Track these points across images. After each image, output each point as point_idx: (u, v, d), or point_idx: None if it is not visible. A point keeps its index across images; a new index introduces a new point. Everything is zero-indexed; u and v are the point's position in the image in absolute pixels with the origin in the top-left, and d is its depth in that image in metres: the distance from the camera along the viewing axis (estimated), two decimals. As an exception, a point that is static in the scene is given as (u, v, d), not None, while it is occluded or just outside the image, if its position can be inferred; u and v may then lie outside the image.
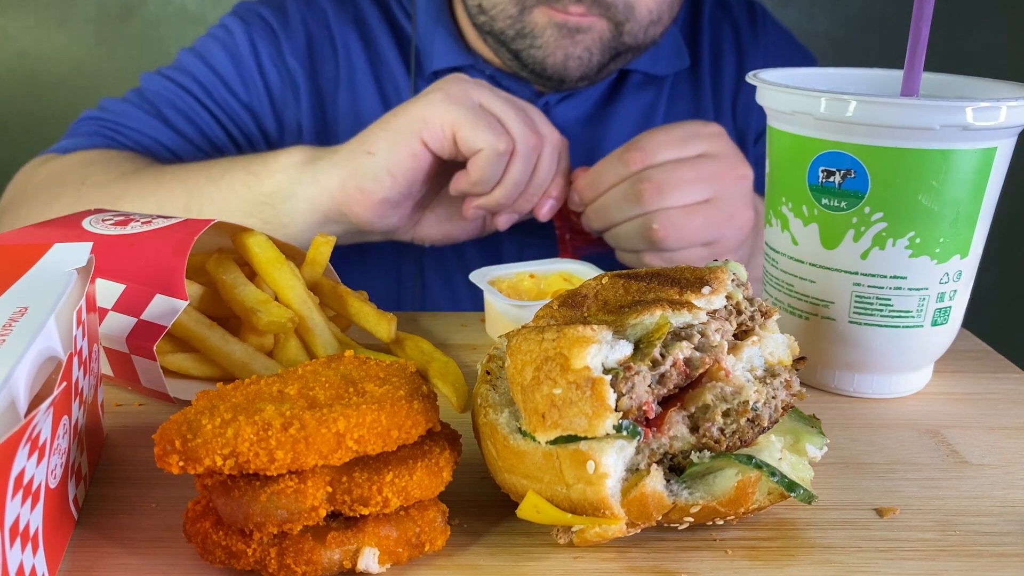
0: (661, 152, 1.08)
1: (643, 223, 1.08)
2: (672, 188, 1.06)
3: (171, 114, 1.39)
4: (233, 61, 1.41)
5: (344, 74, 1.42)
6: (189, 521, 0.56)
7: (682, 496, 0.56)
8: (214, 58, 1.42)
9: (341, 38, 1.43)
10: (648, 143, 1.09)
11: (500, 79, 1.39)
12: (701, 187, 1.08)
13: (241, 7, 1.48)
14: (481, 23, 1.31)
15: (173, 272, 0.75)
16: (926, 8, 0.76)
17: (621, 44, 1.29)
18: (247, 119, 1.42)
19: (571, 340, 0.55)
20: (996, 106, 0.71)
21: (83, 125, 1.41)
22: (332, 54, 1.43)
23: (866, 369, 0.82)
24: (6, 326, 0.54)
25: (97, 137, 1.37)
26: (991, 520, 0.64)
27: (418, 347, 0.87)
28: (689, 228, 1.08)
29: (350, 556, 0.54)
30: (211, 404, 0.56)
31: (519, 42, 1.28)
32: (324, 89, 1.43)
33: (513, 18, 1.26)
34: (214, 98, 1.40)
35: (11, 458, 0.46)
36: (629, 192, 1.08)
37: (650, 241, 1.09)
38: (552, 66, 1.29)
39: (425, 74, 1.41)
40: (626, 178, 1.08)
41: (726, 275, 0.62)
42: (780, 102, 0.78)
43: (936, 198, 0.74)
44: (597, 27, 1.26)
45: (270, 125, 1.43)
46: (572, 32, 1.25)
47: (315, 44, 1.43)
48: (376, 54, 1.44)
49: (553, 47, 1.27)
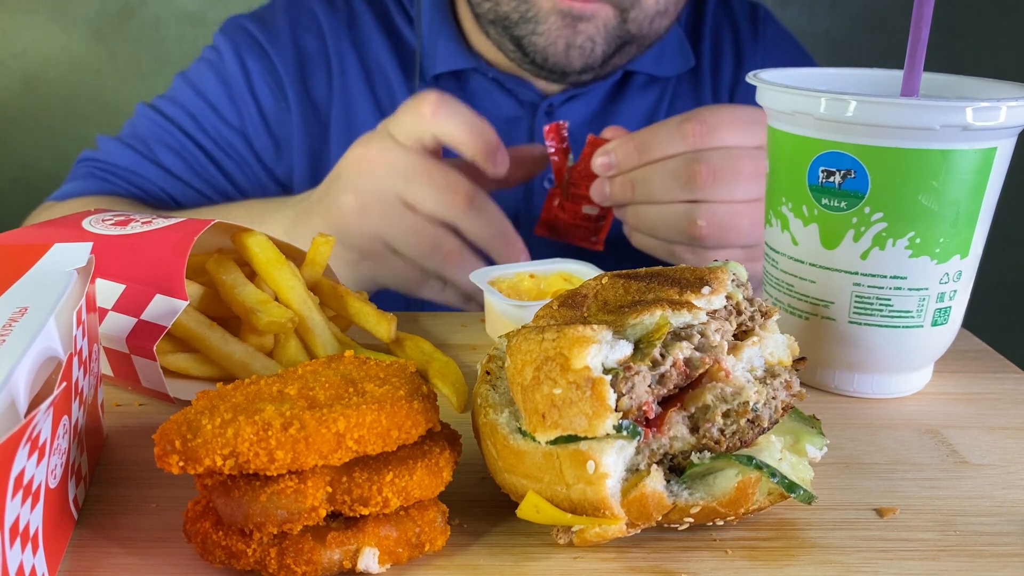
0: (723, 132, 0.99)
1: (686, 214, 1.00)
2: (729, 178, 0.98)
3: (163, 153, 1.39)
4: (223, 85, 1.41)
5: (337, 85, 1.42)
6: (189, 521, 0.56)
7: (682, 496, 0.56)
8: (205, 84, 1.42)
9: (335, 47, 1.42)
10: (711, 118, 1.00)
11: (503, 81, 1.39)
12: (758, 184, 0.99)
13: (229, 24, 1.47)
14: (485, 11, 1.29)
15: (173, 272, 0.75)
16: (926, 8, 0.76)
17: (625, 33, 1.27)
18: (240, 145, 1.42)
19: (571, 340, 0.55)
20: (996, 106, 0.71)
21: (80, 168, 1.43)
22: (325, 65, 1.42)
23: (866, 369, 0.82)
24: (6, 326, 0.54)
25: (92, 180, 1.38)
26: (991, 520, 0.64)
27: (418, 347, 0.87)
28: (736, 229, 1.00)
29: (350, 556, 0.54)
30: (211, 404, 0.56)
31: (522, 27, 1.26)
32: (317, 102, 1.42)
33: (518, 0, 1.25)
34: (204, 129, 1.40)
35: (11, 458, 0.46)
36: (681, 170, 0.98)
37: (690, 236, 1.01)
38: (554, 55, 1.28)
39: (427, 78, 1.41)
40: (681, 153, 0.99)
41: (726, 275, 0.62)
42: (780, 102, 0.78)
43: (936, 198, 0.74)
44: (601, 15, 1.24)
45: (264, 145, 1.43)
46: (575, 20, 1.24)
47: (306, 56, 1.42)
48: (372, 62, 1.43)
49: (555, 35, 1.25)
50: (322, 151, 1.42)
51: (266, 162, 1.44)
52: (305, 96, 1.42)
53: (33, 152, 2.71)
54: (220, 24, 1.48)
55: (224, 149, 1.41)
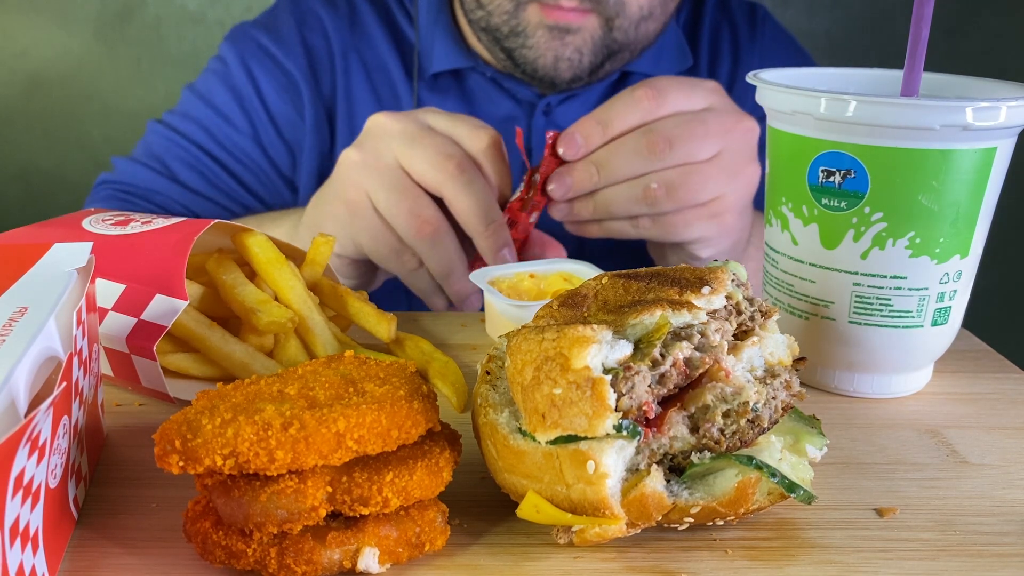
0: (671, 97, 1.03)
1: (640, 183, 1.03)
2: (683, 143, 1.01)
3: (179, 169, 1.39)
4: (233, 94, 1.41)
5: (341, 84, 1.42)
6: (189, 521, 0.56)
7: (682, 496, 0.56)
8: (215, 96, 1.42)
9: (339, 47, 1.43)
10: (658, 83, 1.04)
11: (501, 80, 1.39)
12: (711, 142, 1.03)
13: (235, 32, 1.47)
14: (477, 18, 1.31)
15: (173, 272, 0.75)
16: (926, 8, 0.76)
17: (612, 42, 1.29)
18: (256, 154, 1.42)
19: (571, 340, 0.55)
20: (996, 106, 0.71)
21: (100, 191, 1.43)
22: (329, 65, 1.43)
23: (866, 369, 0.82)
24: (6, 326, 0.54)
25: (114, 202, 1.39)
26: (991, 520, 0.64)
27: (418, 347, 0.87)
28: (687, 186, 1.02)
29: (350, 556, 0.54)
30: (211, 404, 0.56)
31: (512, 40, 1.29)
32: (327, 101, 1.43)
33: (508, 14, 1.26)
34: (219, 141, 1.40)
35: (11, 458, 0.46)
36: (641, 144, 1.01)
37: (647, 202, 1.03)
38: (543, 67, 1.30)
39: (426, 76, 1.41)
40: (639, 125, 1.02)
41: (726, 275, 0.62)
42: (780, 102, 0.78)
43: (936, 198, 0.74)
44: (588, 26, 1.26)
45: (279, 153, 1.43)
46: (562, 33, 1.26)
47: (315, 56, 1.43)
48: (374, 61, 1.43)
49: (544, 48, 1.27)
50: (329, 152, 1.43)
51: (282, 170, 1.44)
52: (318, 95, 1.42)
53: (33, 152, 2.71)
54: (221, 24, 1.48)
55: (241, 160, 1.41)
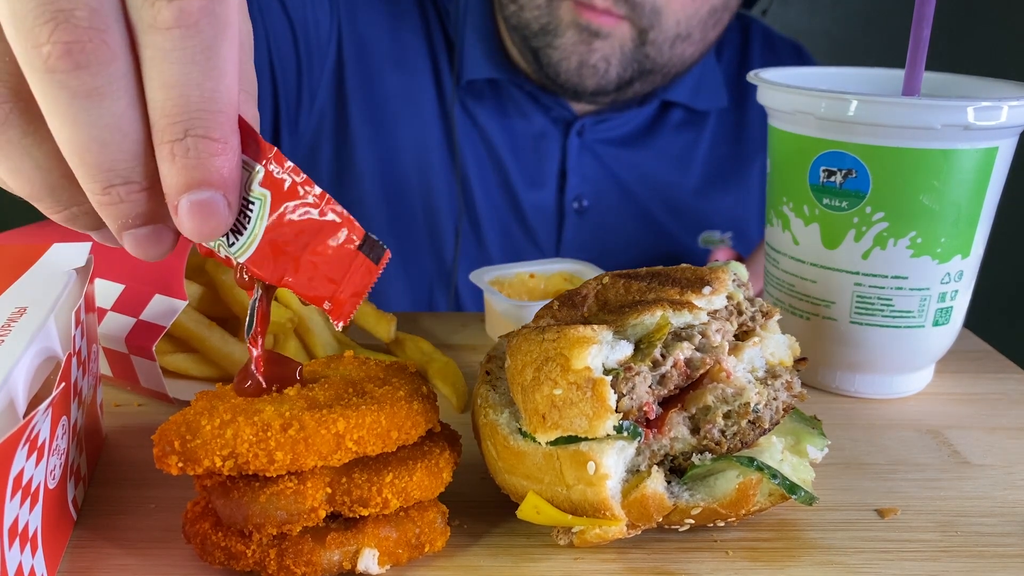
0: None
1: None
2: None
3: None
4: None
5: (353, 54, 1.36)
6: (188, 522, 0.56)
7: (683, 498, 0.56)
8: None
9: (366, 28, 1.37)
10: None
11: (538, 96, 1.36)
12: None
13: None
14: (510, 14, 1.27)
15: (172, 272, 0.75)
16: (927, 8, 0.75)
17: (644, 58, 1.25)
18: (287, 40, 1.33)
19: (571, 340, 0.55)
20: (997, 106, 0.71)
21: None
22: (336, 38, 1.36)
23: (867, 369, 0.82)
24: (5, 326, 0.54)
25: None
26: (992, 521, 0.64)
27: (418, 347, 0.87)
28: None
29: (350, 557, 0.54)
30: (210, 405, 0.56)
31: (540, 39, 1.25)
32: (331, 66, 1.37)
33: (541, 9, 1.23)
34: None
35: (10, 459, 0.46)
36: None
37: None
38: (566, 71, 1.26)
39: (462, 83, 1.38)
40: None
41: (727, 275, 0.62)
42: (781, 102, 0.78)
43: (937, 198, 0.74)
44: (618, 34, 1.22)
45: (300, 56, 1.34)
46: (591, 37, 1.22)
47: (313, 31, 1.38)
48: (404, 51, 1.38)
49: (570, 50, 1.24)
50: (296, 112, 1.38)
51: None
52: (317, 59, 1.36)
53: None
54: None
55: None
